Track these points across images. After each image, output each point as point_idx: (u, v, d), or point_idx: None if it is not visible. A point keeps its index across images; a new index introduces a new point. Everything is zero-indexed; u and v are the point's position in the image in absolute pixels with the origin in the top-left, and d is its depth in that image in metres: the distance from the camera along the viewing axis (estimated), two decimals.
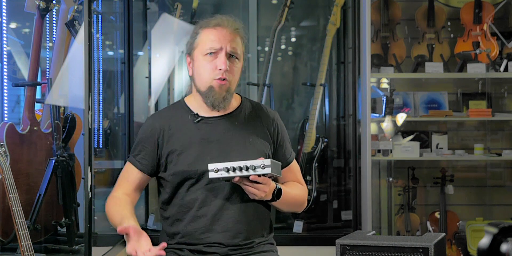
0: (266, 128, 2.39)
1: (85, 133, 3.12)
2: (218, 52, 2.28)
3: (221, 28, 2.29)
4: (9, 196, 2.40)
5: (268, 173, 2.14)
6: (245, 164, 2.14)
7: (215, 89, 2.28)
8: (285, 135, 2.44)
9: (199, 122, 2.34)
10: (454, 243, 4.24)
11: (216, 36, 2.28)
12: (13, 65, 3.48)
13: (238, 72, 2.33)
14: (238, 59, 2.31)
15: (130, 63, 4.11)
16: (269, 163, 2.14)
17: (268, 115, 2.41)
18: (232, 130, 2.34)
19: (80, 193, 3.34)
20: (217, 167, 2.15)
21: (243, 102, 2.43)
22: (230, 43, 2.28)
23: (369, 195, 3.88)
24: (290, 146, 2.46)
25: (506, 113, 4.42)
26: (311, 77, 4.74)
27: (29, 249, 2.40)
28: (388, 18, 4.41)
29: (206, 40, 2.29)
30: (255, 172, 2.14)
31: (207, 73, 2.28)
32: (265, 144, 2.36)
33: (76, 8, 3.43)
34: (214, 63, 2.27)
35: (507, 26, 4.47)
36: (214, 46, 2.27)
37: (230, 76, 2.28)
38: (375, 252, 2.29)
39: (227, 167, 2.14)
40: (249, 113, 2.40)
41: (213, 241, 2.29)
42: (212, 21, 2.31)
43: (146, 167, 2.36)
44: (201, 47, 2.30)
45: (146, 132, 2.37)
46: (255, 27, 4.68)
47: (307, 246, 4.04)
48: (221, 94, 2.28)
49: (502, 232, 1.40)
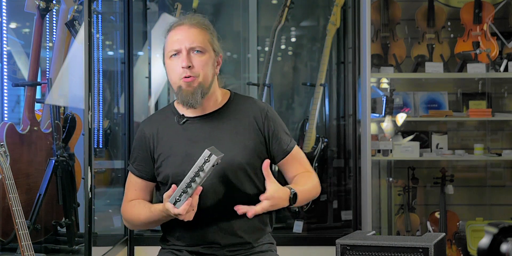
0: (255, 122, 2.34)
1: (85, 133, 3.13)
2: (179, 52, 2.26)
3: (179, 27, 2.28)
4: (9, 196, 2.40)
5: (216, 158, 2.07)
6: (193, 172, 2.09)
7: (183, 87, 2.25)
8: (278, 126, 2.37)
9: (184, 123, 2.33)
10: (454, 243, 4.24)
11: (175, 36, 2.27)
12: (13, 65, 3.48)
13: (206, 64, 2.26)
14: (202, 52, 2.26)
15: (130, 63, 4.11)
16: (209, 152, 2.08)
17: (258, 109, 2.36)
18: (219, 128, 2.32)
19: (80, 193, 3.34)
20: (175, 197, 2.11)
21: (232, 97, 2.39)
22: (188, 40, 2.24)
23: (369, 195, 3.88)
24: (288, 136, 2.39)
25: (506, 113, 4.42)
26: (311, 77, 4.74)
27: (29, 249, 2.40)
28: (388, 18, 4.41)
29: (168, 44, 2.28)
30: (207, 168, 2.08)
31: (174, 74, 2.26)
32: (255, 139, 2.32)
33: (76, 8, 3.43)
34: (178, 63, 2.25)
35: (507, 26, 4.47)
36: (174, 48, 2.25)
37: (196, 71, 2.24)
38: (375, 252, 2.29)
39: (182, 188, 2.10)
40: (238, 109, 2.36)
41: (210, 242, 2.29)
42: (174, 23, 2.31)
43: (145, 174, 2.36)
44: (166, 52, 2.29)
45: (138, 138, 2.39)
46: (255, 27, 4.68)
47: (307, 246, 4.04)
48: (189, 90, 2.24)
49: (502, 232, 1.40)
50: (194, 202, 2.13)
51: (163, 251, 2.39)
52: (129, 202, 2.37)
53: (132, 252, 3.98)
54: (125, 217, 2.39)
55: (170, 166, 2.29)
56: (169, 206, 2.11)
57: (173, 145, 2.31)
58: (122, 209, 2.38)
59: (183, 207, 2.10)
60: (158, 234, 2.50)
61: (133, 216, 2.34)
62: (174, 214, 2.13)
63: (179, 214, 2.11)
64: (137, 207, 2.33)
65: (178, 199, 2.11)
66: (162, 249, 2.40)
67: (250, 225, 2.32)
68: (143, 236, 4.05)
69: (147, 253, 3.96)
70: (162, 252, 2.39)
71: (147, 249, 3.97)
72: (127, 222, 2.40)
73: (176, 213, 2.11)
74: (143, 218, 2.31)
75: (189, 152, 2.27)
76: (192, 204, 2.12)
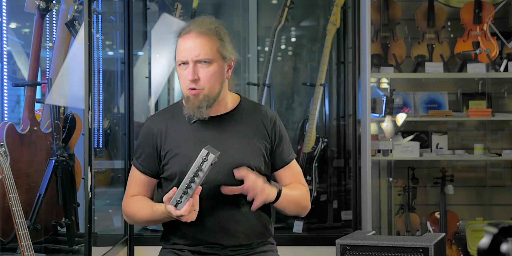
0: (264, 128, 2.37)
1: (85, 133, 3.13)
2: (186, 63, 2.27)
3: (187, 36, 2.27)
4: (9, 196, 2.40)
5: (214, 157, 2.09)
6: (192, 172, 2.10)
7: (190, 99, 2.27)
8: (283, 136, 2.42)
9: (195, 122, 2.34)
10: (454, 243, 4.24)
11: (182, 45, 2.27)
12: (13, 65, 3.48)
13: (214, 75, 2.26)
14: (209, 62, 2.26)
15: (130, 63, 4.11)
16: (206, 151, 2.09)
17: (267, 115, 2.40)
18: (229, 130, 2.33)
19: (80, 193, 3.34)
20: (176, 199, 2.12)
21: (242, 102, 2.41)
22: (194, 51, 2.24)
23: (369, 195, 3.88)
24: (290, 147, 2.45)
25: (506, 113, 4.42)
26: (311, 77, 4.74)
27: (29, 249, 2.40)
28: (388, 18, 4.41)
29: (178, 51, 2.29)
30: (205, 168, 2.09)
31: (182, 83, 2.29)
32: (262, 144, 2.35)
33: (76, 8, 3.43)
34: (186, 73, 2.27)
35: (507, 26, 4.47)
36: (182, 59, 2.27)
37: (202, 84, 2.25)
38: (375, 252, 2.29)
39: (182, 190, 2.11)
40: (247, 113, 2.39)
41: (213, 242, 2.29)
42: (184, 28, 2.30)
43: (149, 170, 2.35)
44: (177, 57, 2.30)
45: (145, 134, 2.38)
46: (255, 27, 4.68)
47: (307, 246, 4.04)
48: (194, 103, 2.25)
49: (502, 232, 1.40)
50: (195, 202, 2.14)
51: (165, 251, 2.39)
52: (130, 197, 2.37)
53: (132, 252, 3.98)
54: (125, 212, 2.39)
55: (177, 164, 2.29)
56: (171, 209, 2.12)
57: (182, 144, 2.31)
58: (123, 204, 2.38)
59: (185, 207, 2.11)
60: (158, 234, 2.49)
61: (134, 212, 2.34)
62: (177, 216, 2.13)
63: (182, 215, 2.12)
64: (139, 204, 2.33)
65: (179, 200, 2.11)
66: (164, 249, 2.40)
67: (253, 229, 2.33)
68: (143, 236, 4.05)
69: (147, 253, 3.96)
70: (163, 252, 2.39)
71: (147, 249, 3.97)
72: (127, 217, 2.40)
73: (178, 214, 2.12)
74: (144, 216, 2.31)
75: (198, 151, 2.27)
76: (193, 204, 2.13)
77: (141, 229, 4.18)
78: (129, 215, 2.37)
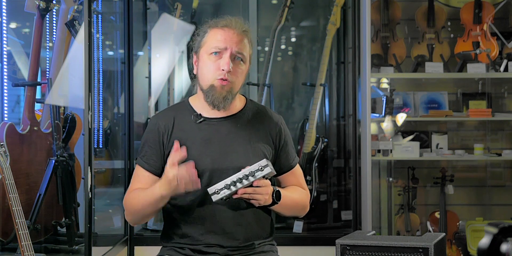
0: (269, 131, 2.38)
1: (85, 133, 3.13)
2: (222, 52, 2.27)
3: (228, 29, 2.28)
4: (9, 196, 2.40)
5: (269, 172, 2.13)
6: (243, 173, 2.12)
7: (217, 88, 2.27)
8: (288, 140, 2.42)
9: (201, 122, 2.34)
10: (454, 243, 4.24)
11: (222, 36, 2.27)
12: (13, 65, 3.48)
13: (242, 74, 2.31)
14: (243, 61, 2.29)
15: (130, 63, 4.11)
16: (266, 163, 2.13)
17: (272, 119, 2.40)
18: (234, 132, 2.34)
19: (80, 193, 3.34)
20: (216, 188, 2.14)
21: (248, 104, 2.42)
22: (236, 44, 2.27)
23: (369, 195, 3.88)
24: (294, 151, 2.45)
25: (506, 113, 4.42)
26: (311, 77, 4.74)
27: (29, 249, 2.40)
28: (388, 18, 4.41)
29: (213, 40, 2.28)
30: (256, 177, 2.12)
31: (211, 72, 2.27)
32: (266, 147, 2.35)
33: (76, 8, 3.43)
34: (218, 63, 2.26)
35: (507, 26, 4.47)
36: (219, 46, 2.26)
37: (233, 77, 2.27)
38: (375, 252, 2.29)
39: (226, 183, 2.13)
40: (253, 116, 2.39)
41: (213, 243, 2.29)
42: (221, 21, 2.31)
43: (154, 168, 2.34)
44: (207, 46, 2.29)
45: (151, 132, 2.37)
46: (255, 27, 4.68)
47: (307, 246, 4.04)
48: (222, 93, 2.27)
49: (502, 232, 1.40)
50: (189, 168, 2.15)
51: (165, 248, 2.39)
52: (131, 192, 2.34)
53: (132, 252, 3.98)
54: (126, 206, 2.34)
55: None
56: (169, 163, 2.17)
57: (187, 143, 2.30)
58: (124, 200, 2.35)
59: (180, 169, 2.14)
60: (158, 234, 2.49)
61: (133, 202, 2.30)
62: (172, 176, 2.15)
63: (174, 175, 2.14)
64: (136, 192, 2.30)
65: (217, 191, 2.14)
66: (164, 247, 2.40)
67: (253, 231, 2.33)
68: (143, 236, 4.05)
69: (147, 253, 3.96)
70: (163, 250, 2.39)
71: (147, 249, 3.97)
72: (128, 211, 2.34)
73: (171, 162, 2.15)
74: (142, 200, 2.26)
75: (203, 153, 2.28)
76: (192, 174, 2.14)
77: (141, 229, 4.18)
78: (129, 207, 2.32)
